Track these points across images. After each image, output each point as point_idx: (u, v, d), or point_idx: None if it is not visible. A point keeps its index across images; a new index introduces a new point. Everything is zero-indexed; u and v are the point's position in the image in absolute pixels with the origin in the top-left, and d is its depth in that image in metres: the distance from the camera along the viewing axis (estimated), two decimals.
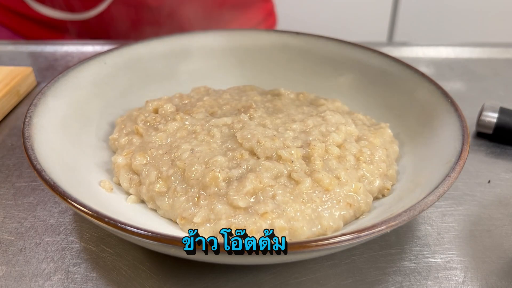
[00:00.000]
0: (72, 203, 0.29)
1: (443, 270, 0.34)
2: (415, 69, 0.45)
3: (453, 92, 0.43)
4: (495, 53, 0.67)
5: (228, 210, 0.33)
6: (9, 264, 0.34)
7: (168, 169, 0.36)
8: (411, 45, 0.69)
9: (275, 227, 0.32)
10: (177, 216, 0.34)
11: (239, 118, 0.41)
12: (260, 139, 0.37)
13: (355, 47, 0.50)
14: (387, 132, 0.42)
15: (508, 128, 0.47)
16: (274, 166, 0.35)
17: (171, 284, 0.32)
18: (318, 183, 0.35)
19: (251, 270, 0.33)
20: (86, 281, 0.33)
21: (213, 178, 0.34)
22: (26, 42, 0.70)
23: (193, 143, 0.39)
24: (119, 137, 0.42)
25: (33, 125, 0.36)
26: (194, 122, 0.41)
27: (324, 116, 0.42)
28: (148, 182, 0.36)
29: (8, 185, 0.41)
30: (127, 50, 0.49)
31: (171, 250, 0.29)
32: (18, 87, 0.54)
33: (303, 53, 0.52)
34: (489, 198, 0.40)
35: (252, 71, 0.53)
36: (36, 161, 0.32)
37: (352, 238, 0.27)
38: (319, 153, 0.37)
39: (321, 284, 0.33)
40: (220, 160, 0.36)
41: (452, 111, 0.39)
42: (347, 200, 0.34)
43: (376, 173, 0.37)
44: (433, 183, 0.32)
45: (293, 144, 0.38)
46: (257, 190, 0.34)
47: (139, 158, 0.38)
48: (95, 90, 0.45)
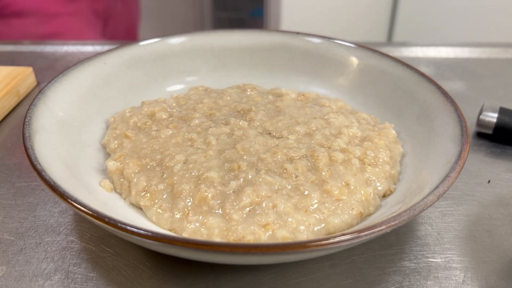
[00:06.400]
0: (72, 203, 0.29)
1: (443, 270, 0.34)
2: (415, 69, 0.45)
3: (453, 92, 0.43)
4: (495, 53, 0.67)
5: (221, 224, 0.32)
6: (9, 264, 0.34)
7: (157, 184, 0.35)
8: (411, 45, 0.69)
9: (277, 238, 0.31)
10: (165, 228, 0.34)
11: (239, 124, 0.41)
12: (261, 156, 0.37)
13: (355, 47, 0.50)
14: (391, 132, 0.42)
15: (508, 128, 0.47)
16: (275, 181, 0.35)
17: (171, 284, 0.32)
18: (327, 193, 0.34)
19: (251, 270, 0.33)
20: (86, 281, 0.33)
21: (202, 199, 0.33)
22: (26, 42, 0.70)
23: (189, 151, 0.38)
24: (109, 142, 0.41)
25: (33, 125, 0.36)
26: (190, 129, 0.41)
27: (328, 119, 0.42)
28: (135, 192, 0.36)
29: (8, 185, 0.41)
30: (127, 50, 0.49)
31: (171, 250, 0.29)
32: (18, 87, 0.54)
33: (303, 53, 0.52)
34: (489, 198, 0.40)
35: (252, 71, 0.53)
36: (36, 161, 0.32)
37: (352, 238, 0.27)
38: (325, 162, 0.37)
39: (321, 284, 0.33)
40: (212, 176, 0.35)
41: (452, 111, 0.39)
42: (359, 209, 0.34)
43: (382, 176, 0.37)
44: (433, 183, 0.32)
45: (296, 154, 0.37)
46: (254, 203, 0.33)
47: (132, 165, 0.37)
48: (95, 90, 0.45)
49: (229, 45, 0.52)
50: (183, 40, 0.52)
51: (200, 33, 0.52)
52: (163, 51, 0.51)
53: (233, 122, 0.41)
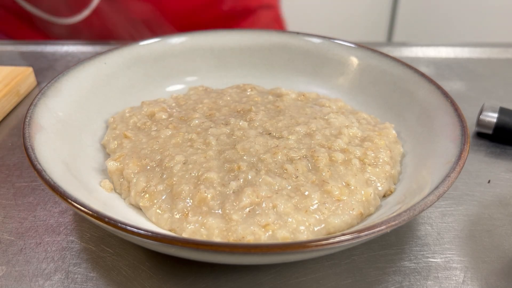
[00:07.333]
0: (72, 203, 0.29)
1: (443, 270, 0.34)
2: (415, 69, 0.45)
3: (453, 92, 0.43)
4: (495, 53, 0.67)
5: (220, 224, 0.32)
6: (9, 264, 0.34)
7: (156, 184, 0.35)
8: (410, 45, 0.69)
9: (277, 238, 0.31)
10: (165, 229, 0.34)
11: (239, 125, 0.41)
12: (261, 156, 0.37)
13: (355, 47, 0.50)
14: (391, 132, 0.42)
15: (508, 128, 0.47)
16: (275, 181, 0.35)
17: (171, 284, 0.32)
18: (328, 194, 0.34)
19: (251, 270, 0.33)
20: (86, 281, 0.33)
21: (201, 199, 0.33)
22: (26, 42, 0.70)
23: (188, 151, 0.38)
24: (108, 142, 0.41)
25: (33, 125, 0.36)
26: (189, 130, 0.41)
27: (328, 119, 0.42)
28: (134, 193, 0.36)
29: (8, 185, 0.41)
30: (127, 50, 0.49)
31: (171, 250, 0.29)
32: (18, 87, 0.54)
33: (303, 53, 0.52)
34: (489, 198, 0.40)
35: (252, 71, 0.53)
36: (36, 161, 0.32)
37: (352, 238, 0.27)
38: (325, 162, 0.37)
39: (321, 284, 0.33)
40: (212, 176, 0.35)
41: (452, 111, 0.39)
42: (360, 209, 0.34)
43: (382, 176, 0.37)
44: (433, 183, 0.32)
45: (296, 155, 0.37)
46: (254, 203, 0.33)
47: (132, 166, 0.37)
48: (95, 90, 0.45)
49: (229, 45, 0.52)
50: (183, 40, 0.52)
51: (200, 33, 0.52)
52: (163, 51, 0.51)
53: (233, 123, 0.41)
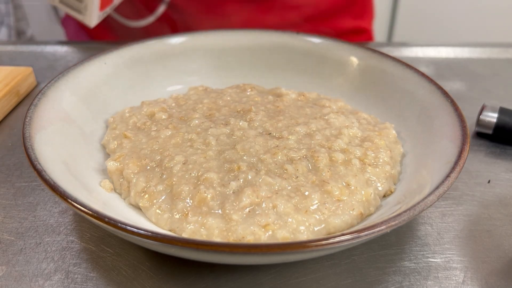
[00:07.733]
0: (72, 203, 0.29)
1: (443, 270, 0.34)
2: (415, 69, 0.45)
3: (453, 92, 0.43)
4: (495, 53, 0.67)
5: (220, 224, 0.32)
6: (9, 264, 0.34)
7: (156, 184, 0.35)
8: (410, 45, 0.69)
9: (277, 238, 0.31)
10: (165, 229, 0.34)
11: (239, 125, 0.41)
12: (261, 156, 0.37)
13: (355, 47, 0.50)
14: (391, 132, 0.42)
15: (508, 128, 0.47)
16: (275, 181, 0.35)
17: (171, 284, 0.32)
18: (328, 194, 0.34)
19: (251, 270, 0.33)
20: (86, 281, 0.33)
21: (201, 200, 0.33)
22: (26, 42, 0.70)
23: (188, 151, 0.38)
24: (108, 142, 0.41)
25: (33, 125, 0.36)
26: (189, 130, 0.41)
27: (328, 119, 0.42)
28: (134, 193, 0.36)
29: (8, 185, 0.41)
30: (127, 50, 0.49)
31: (171, 250, 0.29)
32: (18, 87, 0.54)
33: (303, 53, 0.52)
34: (489, 198, 0.40)
35: (252, 71, 0.53)
36: (36, 161, 0.32)
37: (352, 238, 0.27)
38: (325, 163, 0.37)
39: (321, 284, 0.33)
40: (211, 177, 0.35)
41: (452, 111, 0.39)
42: (360, 209, 0.34)
43: (383, 177, 0.37)
44: (433, 183, 0.32)
45: (296, 155, 0.37)
46: (253, 204, 0.33)
47: (132, 166, 0.37)
48: (95, 90, 0.45)
49: (229, 45, 0.52)
50: (183, 40, 0.52)
51: (200, 33, 0.52)
52: (163, 51, 0.51)
53: (233, 123, 0.41)
